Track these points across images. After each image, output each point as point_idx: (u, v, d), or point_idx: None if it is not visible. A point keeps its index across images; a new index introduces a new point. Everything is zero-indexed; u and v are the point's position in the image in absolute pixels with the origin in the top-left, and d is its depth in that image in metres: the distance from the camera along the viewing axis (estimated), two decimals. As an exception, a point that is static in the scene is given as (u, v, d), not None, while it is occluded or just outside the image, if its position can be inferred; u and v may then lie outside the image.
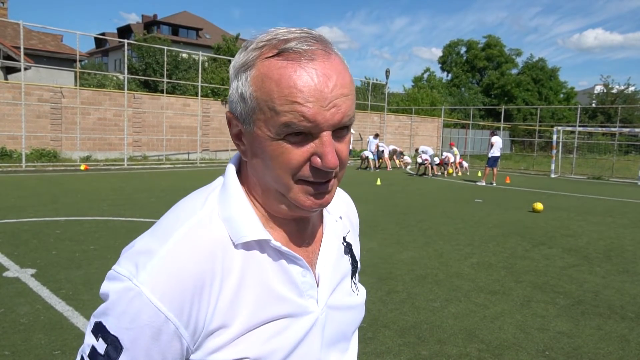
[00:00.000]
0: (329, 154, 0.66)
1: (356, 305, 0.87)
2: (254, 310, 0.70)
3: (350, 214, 0.94)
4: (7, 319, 3.63)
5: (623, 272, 5.66)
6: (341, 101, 0.66)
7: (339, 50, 0.71)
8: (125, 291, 0.64)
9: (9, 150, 16.09)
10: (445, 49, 52.05)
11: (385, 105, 29.30)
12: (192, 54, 29.52)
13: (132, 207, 8.63)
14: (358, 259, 0.92)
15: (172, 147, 20.47)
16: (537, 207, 9.99)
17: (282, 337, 0.72)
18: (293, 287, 0.74)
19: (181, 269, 0.65)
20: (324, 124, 0.65)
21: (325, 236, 0.82)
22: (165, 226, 0.70)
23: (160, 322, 0.64)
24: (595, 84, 50.89)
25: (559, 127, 21.83)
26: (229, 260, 0.69)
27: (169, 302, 0.64)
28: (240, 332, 0.69)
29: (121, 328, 0.64)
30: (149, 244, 0.68)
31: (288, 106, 0.64)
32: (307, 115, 0.64)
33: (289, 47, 0.65)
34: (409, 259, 5.87)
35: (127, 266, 0.66)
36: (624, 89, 42.77)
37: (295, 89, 0.64)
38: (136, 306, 0.63)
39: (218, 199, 0.73)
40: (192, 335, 0.67)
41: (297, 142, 0.66)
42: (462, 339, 3.63)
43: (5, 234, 6.27)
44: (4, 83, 16.76)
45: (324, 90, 0.65)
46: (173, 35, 45.55)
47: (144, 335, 0.64)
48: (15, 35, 19.97)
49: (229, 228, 0.70)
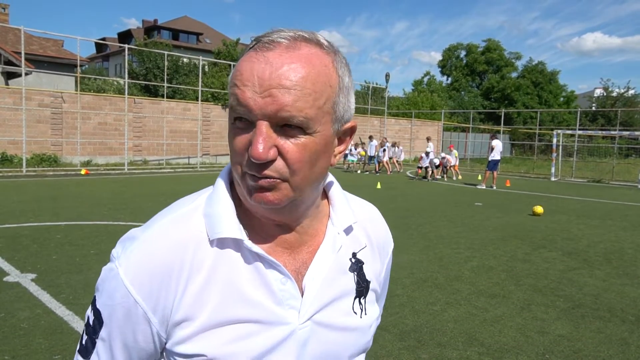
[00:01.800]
0: (257, 143, 0.63)
1: (355, 327, 0.79)
2: (218, 308, 0.69)
3: (370, 229, 0.87)
4: (7, 324, 3.64)
5: (623, 275, 5.65)
6: (280, 92, 0.62)
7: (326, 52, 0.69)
8: (109, 270, 0.70)
9: (9, 155, 16.13)
10: (445, 53, 52.20)
11: (386, 109, 29.35)
12: (192, 58, 29.61)
13: (132, 212, 8.64)
14: (374, 278, 0.84)
15: (173, 152, 20.50)
16: (537, 210, 9.99)
17: (247, 342, 0.69)
18: (268, 292, 0.71)
19: (150, 255, 0.68)
20: (257, 111, 0.63)
21: (321, 248, 0.77)
22: (155, 218, 0.75)
23: (130, 304, 0.68)
24: (595, 87, 51.00)
25: (559, 131, 21.83)
26: (201, 254, 0.70)
27: (138, 285, 0.67)
28: (202, 327, 0.68)
29: (103, 303, 0.70)
30: (137, 231, 0.72)
31: (232, 89, 0.66)
32: (240, 98, 0.64)
33: (261, 39, 0.67)
34: (409, 263, 5.87)
35: (117, 249, 0.72)
36: (624, 92, 42.83)
37: (238, 72, 0.66)
38: (113, 285, 0.69)
39: (207, 198, 0.75)
40: (160, 321, 0.69)
41: (242, 128, 0.66)
42: (462, 343, 3.63)
43: (6, 238, 6.28)
44: (5, 88, 16.82)
45: (262, 77, 0.63)
46: (173, 40, 45.64)
47: (118, 313, 0.69)
48: (16, 41, 20.04)
49: (207, 224, 0.71)
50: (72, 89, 21.12)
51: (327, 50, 0.68)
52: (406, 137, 30.88)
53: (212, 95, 23.35)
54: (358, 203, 0.89)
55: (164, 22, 49.34)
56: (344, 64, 0.70)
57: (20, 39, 15.51)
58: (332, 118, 0.68)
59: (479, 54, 49.16)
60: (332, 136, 0.70)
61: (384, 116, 29.20)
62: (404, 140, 30.34)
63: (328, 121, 0.68)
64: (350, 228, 0.81)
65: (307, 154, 0.66)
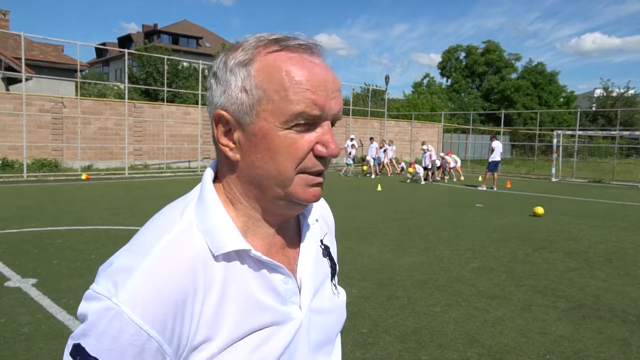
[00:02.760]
0: (333, 142, 0.69)
1: (338, 306, 0.87)
2: (238, 322, 0.69)
3: (325, 215, 0.94)
4: (8, 329, 3.64)
5: (624, 276, 5.65)
6: (338, 94, 0.71)
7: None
8: (104, 311, 0.62)
9: (10, 160, 16.15)
10: (444, 55, 52.21)
11: (386, 111, 29.37)
12: (192, 62, 29.67)
13: (133, 216, 8.65)
14: (336, 260, 0.92)
15: (173, 156, 20.52)
16: (537, 211, 9.99)
17: (268, 346, 0.71)
18: (275, 295, 0.73)
19: (162, 286, 0.63)
20: (328, 113, 0.70)
21: (305, 240, 0.82)
22: (143, 241, 0.68)
23: (142, 341, 0.62)
24: (595, 88, 50.98)
25: (559, 131, 21.81)
26: (210, 273, 0.68)
27: (151, 319, 0.62)
28: (224, 344, 0.68)
29: (102, 349, 0.62)
30: (127, 261, 0.65)
31: (301, 94, 0.67)
32: (318, 103, 0.68)
33: (291, 44, 0.70)
34: (409, 264, 5.87)
35: (105, 285, 0.63)
36: (624, 92, 42.81)
37: (305, 78, 0.68)
38: (117, 326, 0.61)
39: (195, 211, 0.72)
40: (175, 351, 0.65)
41: (302, 131, 0.68)
42: (462, 344, 3.63)
43: (7, 243, 6.29)
44: (6, 94, 16.86)
45: (329, 81, 0.70)
46: (173, 44, 45.77)
47: (126, 355, 0.62)
48: (17, 46, 20.11)
49: (209, 240, 0.69)
50: (73, 94, 21.17)
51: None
52: (406, 138, 30.89)
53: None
54: None
55: (164, 27, 49.46)
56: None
57: (21, 45, 15.55)
58: None
59: (479, 55, 49.20)
60: None
61: (384, 118, 29.22)
62: (404, 142, 30.36)
63: None
64: (317, 218, 0.87)
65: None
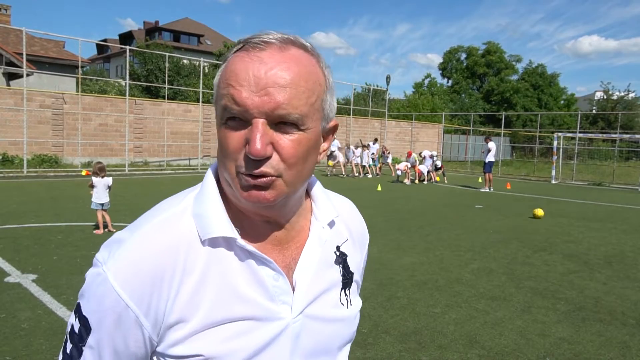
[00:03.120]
0: (255, 140, 0.64)
1: (344, 318, 0.82)
2: (213, 308, 0.69)
3: (350, 222, 0.90)
4: (8, 325, 3.64)
5: (624, 278, 5.65)
6: (276, 90, 0.65)
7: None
8: (96, 275, 0.68)
9: (10, 156, 16.13)
10: (445, 56, 52.18)
11: (386, 111, 29.38)
12: (193, 60, 29.66)
13: (133, 213, 8.64)
14: (356, 270, 0.87)
15: (173, 153, 20.51)
16: (537, 213, 9.99)
17: (245, 339, 0.70)
18: (261, 289, 0.72)
19: (141, 259, 0.67)
20: (253, 110, 0.65)
21: (308, 242, 0.79)
22: (142, 220, 0.73)
23: (120, 309, 0.66)
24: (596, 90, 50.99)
25: (560, 133, 21.82)
26: (193, 255, 0.69)
27: (129, 289, 0.66)
28: (198, 328, 0.68)
29: (90, 310, 0.68)
30: (123, 234, 0.70)
31: (225, 89, 0.67)
32: (236, 98, 0.65)
33: (250, 41, 0.69)
34: (409, 265, 5.87)
35: (103, 253, 0.70)
36: (624, 95, 42.84)
37: (232, 73, 0.67)
38: (101, 291, 0.67)
39: (194, 198, 0.75)
40: (152, 325, 0.68)
41: (234, 127, 0.67)
42: (462, 345, 3.63)
43: (7, 239, 6.28)
44: (6, 89, 16.83)
45: (257, 75, 0.65)
46: (174, 42, 45.72)
47: (108, 319, 0.66)
48: (18, 42, 20.08)
49: (198, 224, 0.71)
50: (73, 90, 21.14)
51: (311, 52, 0.72)
52: (406, 139, 30.89)
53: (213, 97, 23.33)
54: (337, 198, 0.91)
55: (165, 24, 49.42)
56: (326, 65, 0.74)
57: (22, 40, 15.53)
58: (321, 115, 0.71)
59: (479, 56, 49.20)
60: (320, 133, 0.73)
61: (385, 118, 29.22)
62: (404, 143, 30.37)
63: (318, 118, 0.71)
64: (333, 222, 0.84)
65: (301, 150, 0.68)
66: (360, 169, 20.25)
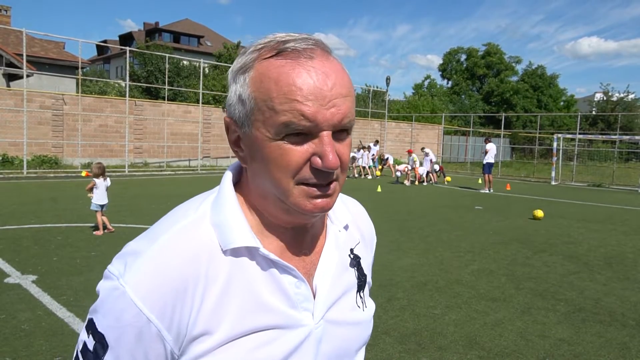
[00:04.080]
0: (330, 153, 0.64)
1: (361, 321, 0.82)
2: (239, 319, 0.68)
3: (361, 224, 0.90)
4: (8, 325, 3.64)
5: (624, 280, 5.65)
6: (341, 101, 0.65)
7: (336, 56, 0.71)
8: (112, 290, 0.65)
9: (10, 156, 16.14)
10: (445, 57, 52.21)
11: (386, 112, 29.39)
12: (193, 61, 29.67)
13: (133, 214, 8.65)
14: (368, 272, 0.87)
15: (173, 154, 20.52)
16: (537, 214, 9.99)
17: (270, 349, 0.69)
18: (284, 297, 0.71)
19: (164, 271, 0.64)
20: (324, 124, 0.64)
21: (326, 247, 0.78)
22: (157, 229, 0.70)
23: (142, 323, 0.63)
24: (595, 92, 51.01)
25: (559, 135, 21.82)
26: (215, 266, 0.67)
27: (150, 303, 0.63)
28: (223, 340, 0.67)
29: (107, 326, 0.64)
30: (139, 245, 0.68)
31: (287, 105, 0.63)
32: (306, 114, 0.63)
33: (288, 47, 0.65)
34: (409, 266, 5.87)
35: (117, 265, 0.67)
36: (624, 96, 42.85)
37: (294, 86, 0.63)
38: (120, 305, 0.63)
39: (212, 205, 0.72)
40: (175, 339, 0.65)
41: (296, 142, 0.65)
42: (462, 346, 3.63)
43: (7, 240, 6.28)
44: (6, 90, 16.84)
45: (324, 89, 0.63)
46: (174, 43, 45.73)
47: (128, 335, 0.64)
48: (18, 43, 20.09)
49: (218, 234, 0.69)
50: (73, 91, 21.16)
51: (334, 53, 0.71)
52: (406, 140, 30.91)
53: (213, 98, 23.39)
54: (349, 201, 0.91)
55: (165, 25, 49.45)
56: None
57: (22, 41, 15.54)
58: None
59: (479, 57, 49.24)
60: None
61: (385, 119, 29.23)
62: (404, 144, 30.38)
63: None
64: (347, 225, 0.84)
65: (349, 152, 0.70)
66: (360, 170, 20.34)
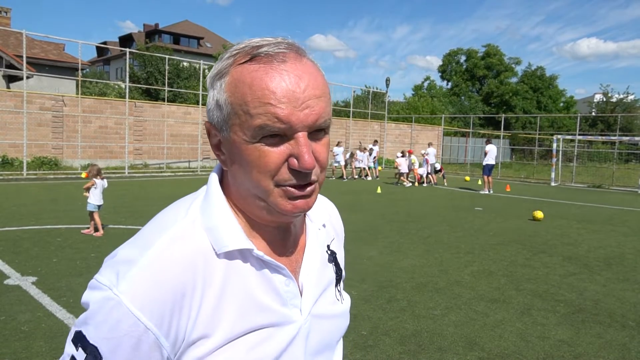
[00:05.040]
0: (305, 154, 0.65)
1: (340, 313, 0.86)
2: (236, 320, 0.69)
3: (334, 221, 0.93)
4: (8, 327, 3.64)
5: (623, 281, 5.65)
6: (314, 102, 0.66)
7: (312, 58, 0.71)
8: (105, 300, 0.63)
9: (10, 158, 16.14)
10: (445, 58, 52.25)
11: (386, 113, 29.40)
12: (193, 62, 29.68)
13: (132, 215, 8.65)
14: (343, 267, 0.91)
15: (173, 155, 20.52)
16: (537, 215, 10.00)
17: (265, 347, 0.71)
18: (276, 296, 0.73)
19: (161, 279, 0.64)
20: (298, 125, 0.65)
21: (308, 244, 0.81)
22: (147, 235, 0.69)
23: (139, 332, 0.63)
24: (595, 93, 51.03)
25: (559, 136, 21.83)
26: (210, 270, 0.68)
27: (149, 312, 0.63)
28: (222, 342, 0.68)
29: (100, 338, 0.63)
30: (130, 253, 0.67)
31: (261, 108, 0.64)
32: (280, 116, 0.64)
33: (261, 52, 0.66)
34: (409, 267, 5.87)
35: (108, 275, 0.65)
36: (623, 97, 42.88)
37: (267, 90, 0.64)
38: (115, 316, 0.62)
39: (200, 208, 0.72)
40: (172, 345, 0.65)
41: (273, 143, 0.66)
42: (462, 347, 3.63)
43: (7, 241, 6.28)
44: (6, 91, 16.85)
45: (296, 91, 0.65)
46: (174, 44, 45.79)
47: (124, 345, 0.62)
48: (18, 44, 20.10)
49: (211, 238, 0.69)
50: (73, 93, 21.17)
51: (309, 55, 0.72)
52: (406, 141, 30.92)
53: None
54: (322, 198, 0.93)
55: (165, 27, 49.49)
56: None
57: (22, 43, 15.55)
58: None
59: (479, 59, 49.28)
60: None
61: (384, 121, 29.25)
62: (404, 145, 30.38)
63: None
64: (324, 223, 0.87)
65: (327, 151, 0.72)
66: (360, 171, 20.35)
